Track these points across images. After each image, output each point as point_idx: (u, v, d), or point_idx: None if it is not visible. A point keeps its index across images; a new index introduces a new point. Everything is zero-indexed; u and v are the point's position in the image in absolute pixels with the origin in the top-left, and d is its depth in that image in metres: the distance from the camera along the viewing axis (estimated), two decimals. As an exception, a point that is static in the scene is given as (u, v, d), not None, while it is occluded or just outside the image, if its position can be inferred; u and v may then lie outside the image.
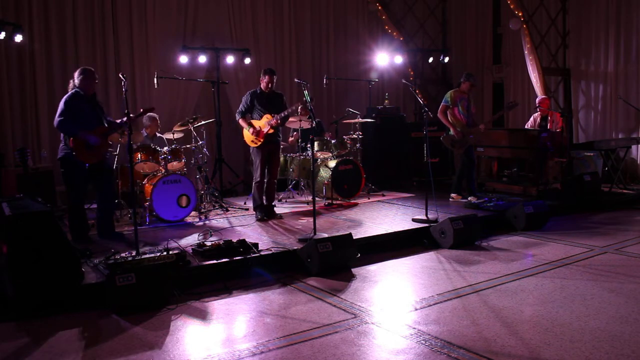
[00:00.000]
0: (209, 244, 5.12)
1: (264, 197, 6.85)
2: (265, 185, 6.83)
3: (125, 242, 5.59)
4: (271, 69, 6.82)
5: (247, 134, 6.71)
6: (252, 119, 6.72)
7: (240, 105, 6.80)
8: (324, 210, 7.39)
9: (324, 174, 7.88)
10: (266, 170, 6.85)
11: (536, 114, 8.76)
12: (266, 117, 6.62)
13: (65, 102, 5.50)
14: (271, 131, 6.61)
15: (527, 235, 6.40)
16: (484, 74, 11.45)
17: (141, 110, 5.99)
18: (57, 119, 5.48)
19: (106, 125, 5.70)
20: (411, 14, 11.68)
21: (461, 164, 7.82)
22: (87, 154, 5.50)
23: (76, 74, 5.68)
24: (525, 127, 8.89)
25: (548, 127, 8.45)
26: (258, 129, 6.61)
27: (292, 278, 4.97)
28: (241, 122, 6.71)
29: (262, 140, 6.63)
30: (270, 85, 6.70)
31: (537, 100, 8.92)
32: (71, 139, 5.45)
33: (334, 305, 4.26)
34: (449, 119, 7.63)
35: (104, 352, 3.50)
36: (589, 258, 5.44)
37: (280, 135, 7.04)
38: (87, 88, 5.62)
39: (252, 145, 6.73)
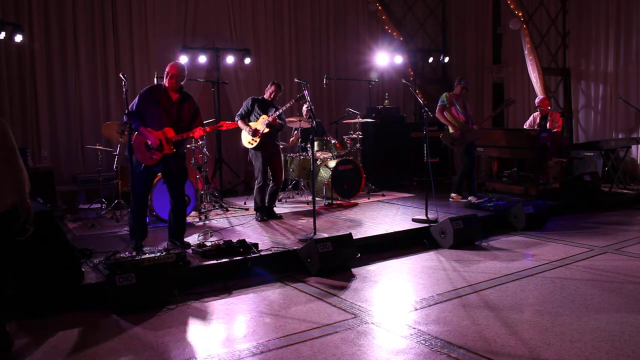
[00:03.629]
0: (209, 244, 5.13)
1: (265, 200, 6.86)
2: (267, 188, 6.84)
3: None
4: (279, 83, 6.93)
5: (245, 135, 6.73)
6: (250, 122, 6.75)
7: (241, 109, 6.85)
8: (324, 210, 7.39)
9: (324, 174, 7.88)
10: (270, 176, 6.85)
11: (536, 113, 8.76)
12: (262, 118, 6.64)
13: (139, 94, 5.22)
14: (267, 130, 6.61)
15: (527, 235, 6.40)
16: (484, 74, 11.44)
17: (221, 124, 5.52)
18: (129, 109, 5.08)
19: (176, 132, 5.17)
20: (411, 14, 11.68)
21: (463, 165, 7.83)
22: (143, 154, 5.13)
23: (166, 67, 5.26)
24: (525, 126, 8.89)
25: (548, 127, 8.45)
26: (255, 129, 6.63)
27: (292, 278, 4.97)
28: (240, 123, 6.73)
29: (258, 139, 6.63)
30: (273, 96, 6.80)
31: (536, 100, 8.92)
32: (134, 133, 5.13)
33: (334, 305, 4.26)
34: (447, 117, 7.65)
35: (104, 352, 3.50)
36: (589, 258, 5.44)
37: (279, 141, 7.04)
38: (169, 83, 5.17)
39: (249, 145, 6.74)
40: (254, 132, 6.62)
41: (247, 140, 6.74)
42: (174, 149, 5.18)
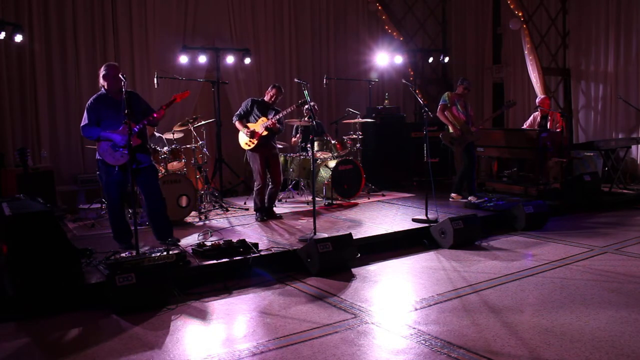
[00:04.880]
0: (209, 244, 5.12)
1: (265, 201, 6.86)
2: (267, 190, 6.84)
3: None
4: (280, 86, 6.91)
5: (242, 136, 6.73)
6: (248, 122, 6.74)
7: (240, 109, 6.84)
8: (324, 210, 7.39)
9: (324, 174, 7.88)
10: (268, 178, 6.85)
11: (536, 112, 8.75)
12: (261, 120, 6.64)
13: (87, 107, 5.21)
14: (265, 133, 6.61)
15: (527, 235, 6.40)
16: (484, 74, 11.44)
17: (173, 98, 5.35)
18: (81, 125, 5.21)
19: (136, 123, 5.14)
20: (411, 14, 11.68)
21: (463, 165, 7.83)
22: (113, 156, 5.13)
23: (100, 71, 5.24)
24: (525, 126, 8.89)
25: (548, 127, 8.44)
26: (253, 130, 6.63)
27: (292, 278, 4.97)
28: (238, 124, 6.73)
29: (256, 141, 6.63)
30: (273, 99, 6.80)
31: (537, 100, 8.91)
32: (97, 142, 5.21)
33: (334, 305, 4.26)
34: (449, 117, 7.66)
35: (104, 352, 3.50)
36: (589, 258, 5.44)
37: (276, 143, 7.03)
38: (109, 86, 5.15)
39: (247, 147, 6.74)
40: (252, 134, 6.62)
41: (244, 141, 6.75)
42: (139, 140, 5.21)
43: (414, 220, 6.52)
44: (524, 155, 8.29)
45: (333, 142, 8.06)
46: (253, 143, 6.66)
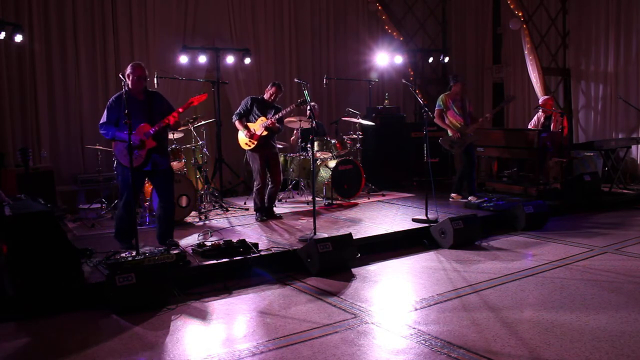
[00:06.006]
0: (209, 244, 5.12)
1: (264, 201, 6.86)
2: (267, 189, 6.84)
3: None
4: (280, 84, 6.86)
5: (242, 137, 6.72)
6: (248, 122, 6.73)
7: (239, 108, 6.83)
8: (324, 210, 7.39)
9: (324, 174, 7.88)
10: (268, 178, 6.84)
11: (539, 113, 8.73)
12: (261, 120, 6.63)
13: (107, 106, 5.19)
14: (265, 133, 6.60)
15: (527, 235, 6.40)
16: (484, 74, 11.44)
17: (190, 100, 5.30)
18: (99, 122, 5.19)
19: (151, 124, 5.11)
20: (411, 14, 11.68)
21: (463, 165, 7.83)
22: (128, 157, 5.00)
23: (125, 71, 5.18)
24: (529, 126, 8.87)
25: (552, 127, 8.42)
26: (252, 131, 6.62)
27: (292, 278, 4.97)
28: (237, 124, 6.72)
29: (255, 142, 6.63)
30: (273, 97, 6.77)
31: (540, 100, 8.88)
32: (113, 142, 5.18)
33: (334, 305, 4.26)
34: (446, 121, 7.66)
35: (104, 352, 3.50)
36: (589, 258, 5.44)
37: (276, 142, 7.02)
38: (131, 86, 5.10)
39: (246, 147, 6.74)
40: (252, 135, 6.62)
41: (244, 141, 6.74)
42: (155, 142, 5.17)
43: (414, 220, 6.52)
44: (524, 155, 8.29)
45: (333, 141, 8.06)
46: (253, 143, 6.65)
